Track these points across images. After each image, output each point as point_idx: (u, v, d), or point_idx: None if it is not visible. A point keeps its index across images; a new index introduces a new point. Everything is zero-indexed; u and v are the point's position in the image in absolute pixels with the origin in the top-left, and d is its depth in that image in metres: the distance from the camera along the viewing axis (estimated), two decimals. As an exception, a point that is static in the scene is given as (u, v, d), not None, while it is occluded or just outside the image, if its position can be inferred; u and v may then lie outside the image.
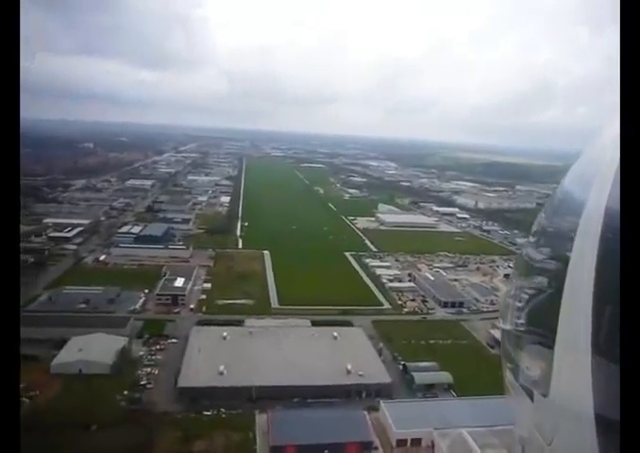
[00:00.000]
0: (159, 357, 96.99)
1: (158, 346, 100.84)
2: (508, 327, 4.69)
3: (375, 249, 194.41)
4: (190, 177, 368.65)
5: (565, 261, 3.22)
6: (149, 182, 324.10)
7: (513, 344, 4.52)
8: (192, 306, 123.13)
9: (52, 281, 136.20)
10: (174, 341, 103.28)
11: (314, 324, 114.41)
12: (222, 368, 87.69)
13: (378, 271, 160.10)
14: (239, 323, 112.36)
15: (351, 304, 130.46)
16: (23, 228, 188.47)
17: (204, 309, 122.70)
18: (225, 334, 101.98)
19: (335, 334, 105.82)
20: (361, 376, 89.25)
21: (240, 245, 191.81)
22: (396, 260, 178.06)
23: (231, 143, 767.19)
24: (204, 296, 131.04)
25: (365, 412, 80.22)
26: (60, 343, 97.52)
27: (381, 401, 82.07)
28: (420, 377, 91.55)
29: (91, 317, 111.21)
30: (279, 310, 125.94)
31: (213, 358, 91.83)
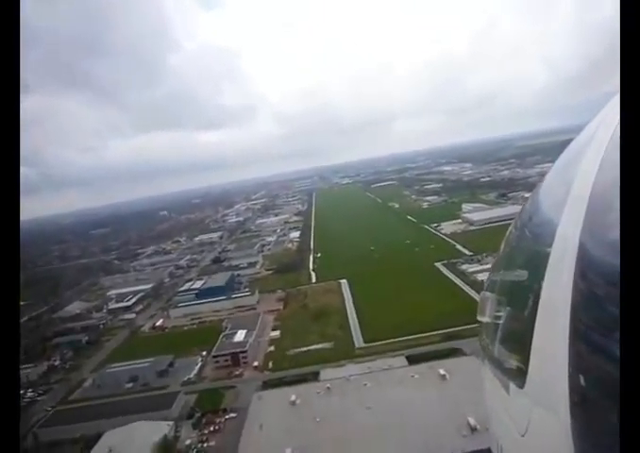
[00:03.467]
0: (212, 443, 72.49)
1: (211, 427, 76.55)
2: (486, 319, 4.62)
3: (469, 253, 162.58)
4: (258, 221, 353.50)
5: (546, 257, 3.06)
6: (217, 235, 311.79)
7: (490, 337, 4.45)
8: (256, 363, 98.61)
9: (103, 360, 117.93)
10: (232, 415, 78.85)
11: (412, 361, 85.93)
12: (289, 452, 61.55)
13: (480, 276, 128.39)
14: (314, 377, 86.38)
15: (456, 324, 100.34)
16: (84, 306, 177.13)
17: (271, 364, 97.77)
18: (293, 398, 76.13)
19: (442, 372, 76.85)
20: (493, 432, 59.44)
21: (313, 280, 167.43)
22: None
23: (300, 182, 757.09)
24: (272, 348, 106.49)
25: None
26: (94, 441, 76.68)
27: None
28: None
29: (133, 400, 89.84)
30: (365, 349, 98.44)
31: (278, 436, 66.08)
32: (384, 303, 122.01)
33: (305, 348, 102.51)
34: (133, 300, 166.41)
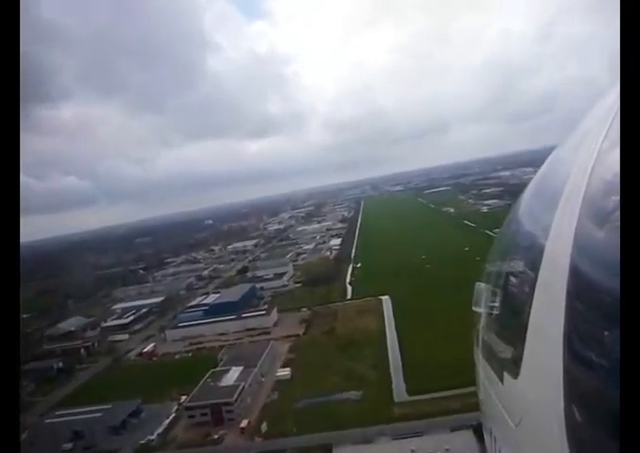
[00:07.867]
0: None
1: None
2: (481, 309, 4.77)
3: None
4: (299, 229, 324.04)
5: (541, 249, 3.06)
6: (252, 243, 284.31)
7: (485, 327, 4.57)
8: (244, 423, 66.75)
9: (61, 400, 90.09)
10: None
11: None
12: None
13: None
14: (324, 456, 54.12)
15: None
16: (81, 322, 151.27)
17: (264, 426, 65.61)
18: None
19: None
20: None
21: (349, 295, 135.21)
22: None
23: (350, 191, 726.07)
24: (275, 395, 74.90)
25: None
26: None
27: None
28: None
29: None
30: (409, 406, 65.23)
31: None
32: (437, 330, 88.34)
33: (321, 398, 70.44)
34: (131, 318, 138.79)
